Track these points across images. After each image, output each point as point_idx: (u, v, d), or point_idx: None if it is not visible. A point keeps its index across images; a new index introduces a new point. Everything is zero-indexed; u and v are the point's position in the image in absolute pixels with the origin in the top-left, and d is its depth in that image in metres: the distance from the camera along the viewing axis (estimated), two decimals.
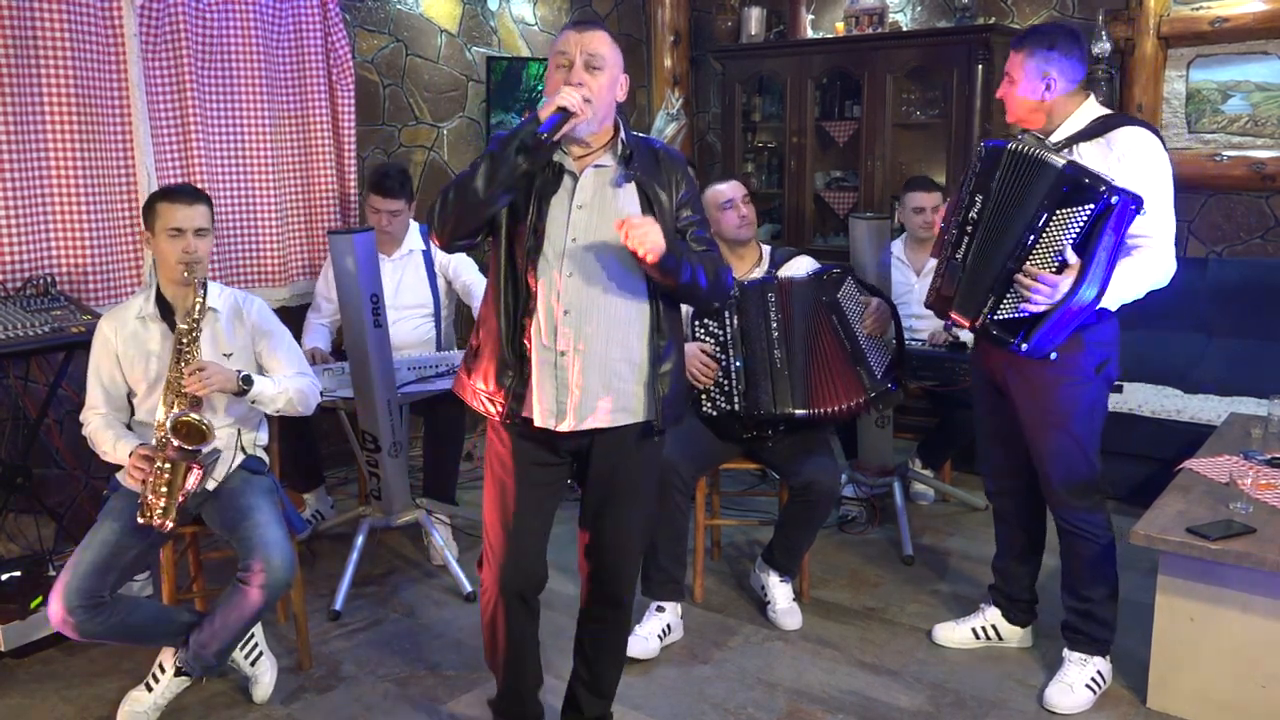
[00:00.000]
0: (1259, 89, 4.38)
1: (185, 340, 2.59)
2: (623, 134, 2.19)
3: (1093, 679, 2.71)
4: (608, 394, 2.18)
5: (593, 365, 2.15)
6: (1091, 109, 2.57)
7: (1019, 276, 2.44)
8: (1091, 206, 2.35)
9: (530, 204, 2.12)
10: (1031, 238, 2.43)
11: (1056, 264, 2.40)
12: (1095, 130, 2.52)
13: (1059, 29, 2.57)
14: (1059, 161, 2.41)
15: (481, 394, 2.23)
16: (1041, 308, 2.42)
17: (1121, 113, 2.60)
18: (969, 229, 2.57)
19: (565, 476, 2.32)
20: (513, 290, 2.16)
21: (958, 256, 2.59)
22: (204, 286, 2.65)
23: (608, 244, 2.13)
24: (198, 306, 2.61)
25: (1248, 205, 4.53)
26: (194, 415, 2.52)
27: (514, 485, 2.24)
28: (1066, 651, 2.77)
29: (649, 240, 2.02)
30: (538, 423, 2.18)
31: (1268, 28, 4.26)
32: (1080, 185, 2.37)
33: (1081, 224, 2.37)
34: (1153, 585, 2.67)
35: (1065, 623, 2.78)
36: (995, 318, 2.51)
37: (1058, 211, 2.39)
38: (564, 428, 2.18)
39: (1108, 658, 2.76)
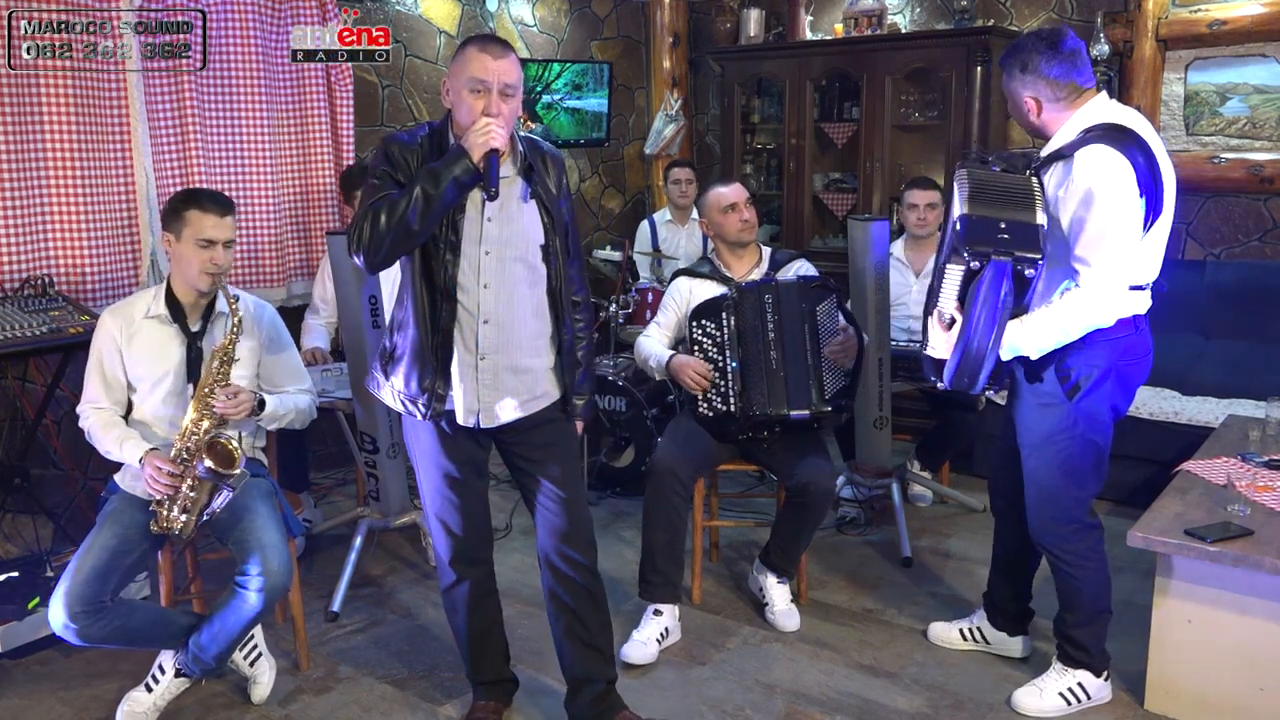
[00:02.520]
0: (1257, 91, 4.39)
1: (224, 359, 2.59)
2: (519, 145, 2.30)
3: (1070, 690, 2.67)
4: (524, 390, 2.36)
5: (510, 367, 2.34)
6: (1085, 116, 2.41)
7: (928, 319, 2.42)
8: (962, 267, 2.26)
9: (445, 223, 2.23)
10: (939, 283, 2.37)
11: (948, 316, 2.35)
12: (1073, 146, 2.35)
13: (1034, 43, 2.42)
14: (959, 209, 2.29)
15: (401, 395, 2.36)
16: (934, 354, 2.40)
17: (1105, 125, 2.38)
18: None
19: (487, 455, 2.47)
20: (430, 301, 2.27)
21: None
22: (236, 299, 2.63)
23: (517, 254, 2.30)
24: (237, 322, 2.60)
25: (1246, 207, 4.54)
26: (229, 439, 2.54)
27: (443, 474, 2.40)
28: (1054, 658, 2.75)
29: None
30: (460, 420, 2.34)
31: (1266, 30, 4.26)
32: (954, 244, 2.25)
33: (959, 279, 2.28)
34: (1150, 587, 2.67)
35: (1054, 630, 2.77)
36: (926, 353, 2.50)
37: (950, 263, 2.31)
38: (487, 424, 2.35)
39: (1103, 678, 2.70)
